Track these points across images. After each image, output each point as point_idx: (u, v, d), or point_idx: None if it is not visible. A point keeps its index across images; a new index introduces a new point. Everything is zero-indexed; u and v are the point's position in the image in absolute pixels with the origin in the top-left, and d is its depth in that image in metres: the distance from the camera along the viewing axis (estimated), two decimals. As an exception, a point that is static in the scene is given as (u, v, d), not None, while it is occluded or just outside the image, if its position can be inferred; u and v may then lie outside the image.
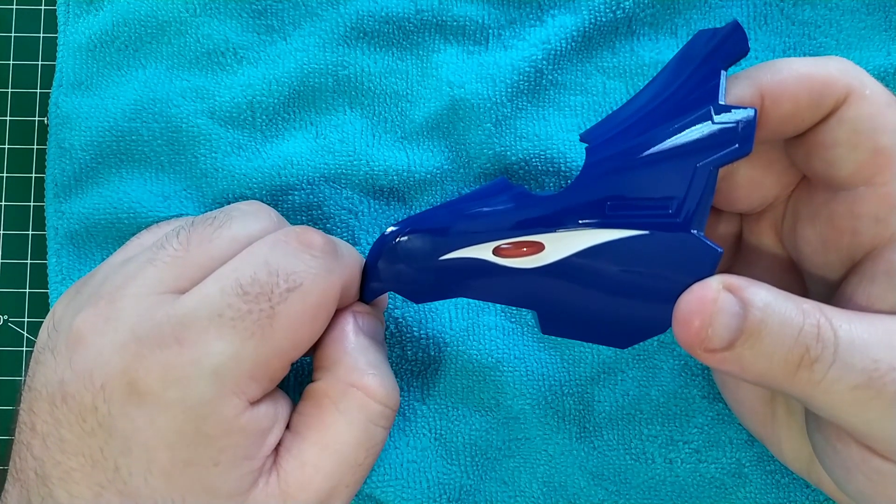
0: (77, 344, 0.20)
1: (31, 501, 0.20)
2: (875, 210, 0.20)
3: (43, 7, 0.31)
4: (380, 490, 0.27)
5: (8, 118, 0.30)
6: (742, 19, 0.29)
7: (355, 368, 0.22)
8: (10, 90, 0.30)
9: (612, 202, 0.20)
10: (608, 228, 0.20)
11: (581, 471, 0.28)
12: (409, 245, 0.22)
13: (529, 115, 0.29)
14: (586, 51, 0.29)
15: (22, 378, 0.30)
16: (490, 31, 0.29)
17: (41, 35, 0.31)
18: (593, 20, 0.29)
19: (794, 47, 0.29)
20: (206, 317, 0.20)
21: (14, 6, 0.31)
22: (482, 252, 0.21)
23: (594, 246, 0.20)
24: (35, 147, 0.30)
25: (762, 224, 0.24)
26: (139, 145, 0.29)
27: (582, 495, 0.28)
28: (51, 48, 0.31)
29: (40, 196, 0.30)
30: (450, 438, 0.28)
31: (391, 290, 0.23)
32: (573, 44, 0.29)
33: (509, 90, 0.28)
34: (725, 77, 0.20)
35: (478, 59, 0.29)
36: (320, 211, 0.29)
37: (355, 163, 0.29)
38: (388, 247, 0.22)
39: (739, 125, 0.19)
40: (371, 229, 0.29)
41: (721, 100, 0.19)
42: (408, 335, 0.28)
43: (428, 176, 0.29)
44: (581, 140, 0.22)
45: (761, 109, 0.20)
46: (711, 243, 0.19)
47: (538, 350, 0.28)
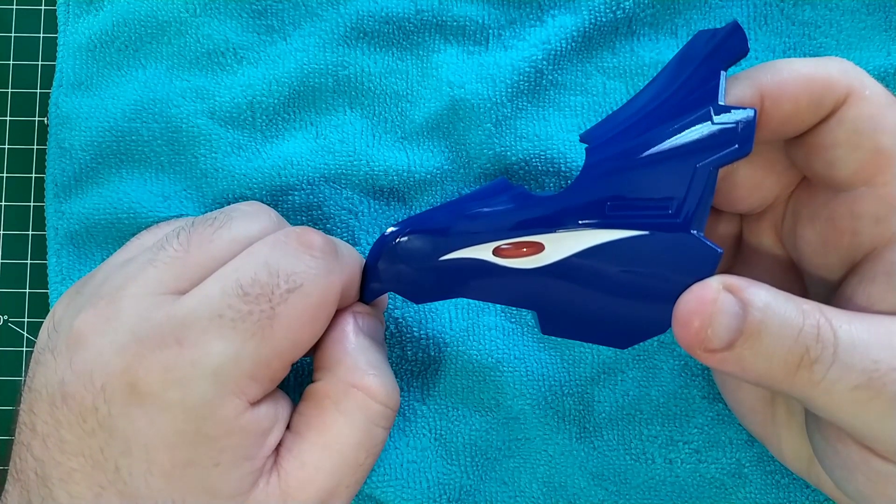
0: (77, 344, 0.20)
1: (32, 502, 0.20)
2: (875, 210, 0.20)
3: (43, 7, 0.31)
4: (380, 490, 0.27)
5: (8, 118, 0.30)
6: (742, 19, 0.29)
7: (356, 369, 0.22)
8: (10, 90, 0.30)
9: (612, 202, 0.20)
10: (608, 229, 0.20)
11: (581, 471, 0.28)
12: (409, 245, 0.22)
13: (529, 116, 0.29)
14: (586, 51, 0.29)
15: (22, 378, 0.30)
16: (490, 31, 0.29)
17: (41, 35, 0.31)
18: (593, 20, 0.29)
19: (794, 47, 0.29)
20: (207, 317, 0.20)
21: (14, 6, 0.31)
22: (482, 252, 0.21)
23: (594, 246, 0.20)
24: (35, 147, 0.30)
25: (762, 224, 0.24)
26: (139, 145, 0.29)
27: (582, 495, 0.28)
28: (51, 48, 0.31)
29: (40, 196, 0.30)
30: (450, 438, 0.28)
31: (391, 291, 0.23)
32: (573, 44, 0.29)
33: (509, 90, 0.28)
34: (725, 77, 0.20)
35: (478, 60, 0.29)
36: (320, 211, 0.29)
37: (355, 163, 0.29)
38: (388, 247, 0.22)
39: (739, 126, 0.19)
40: (371, 229, 0.29)
41: (721, 100, 0.19)
42: (408, 335, 0.28)
43: (428, 176, 0.29)
44: (581, 140, 0.22)
45: (761, 110, 0.20)
46: (711, 244, 0.19)
47: (538, 350, 0.28)
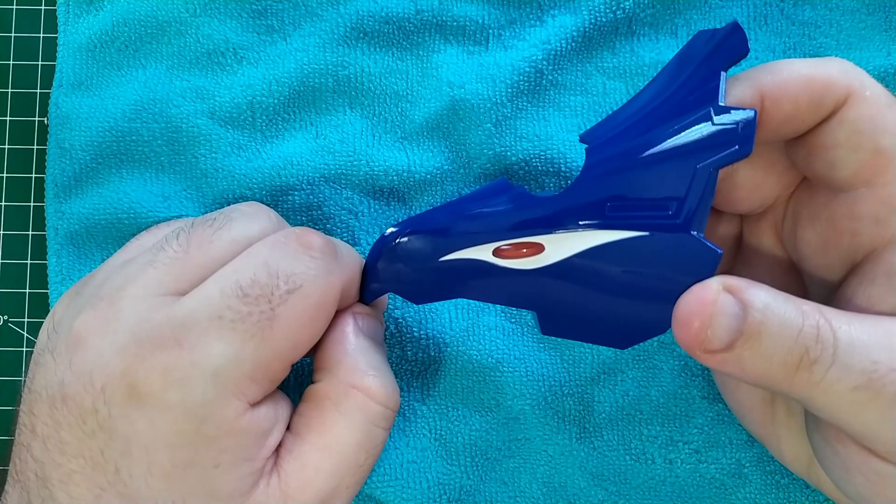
0: (77, 346, 0.20)
1: (32, 503, 0.20)
2: (875, 211, 0.20)
3: (43, 7, 0.31)
4: (380, 490, 0.27)
5: (8, 118, 0.30)
6: (742, 19, 0.29)
7: (356, 369, 0.22)
8: (10, 90, 0.30)
9: (613, 203, 0.20)
10: (608, 229, 0.20)
11: (581, 471, 0.28)
12: (409, 246, 0.22)
13: (529, 116, 0.29)
14: (586, 51, 0.29)
15: (22, 379, 0.30)
16: (490, 32, 0.29)
17: (41, 35, 0.31)
18: (593, 20, 0.29)
19: (794, 47, 0.29)
20: (206, 319, 0.20)
21: (14, 6, 0.31)
22: (482, 253, 0.21)
23: (594, 247, 0.20)
24: (35, 147, 0.30)
25: (762, 225, 0.24)
26: (139, 145, 0.29)
27: (582, 496, 0.28)
28: (51, 48, 0.31)
29: (40, 196, 0.30)
30: (450, 439, 0.28)
31: (391, 291, 0.23)
32: (573, 44, 0.29)
33: (509, 90, 0.28)
34: (725, 78, 0.20)
35: (478, 60, 0.29)
36: (320, 211, 0.29)
37: (355, 163, 0.29)
38: (388, 248, 0.22)
39: (739, 126, 0.19)
40: (371, 229, 0.29)
41: (721, 101, 0.19)
42: (408, 335, 0.28)
43: (428, 176, 0.29)
44: (581, 141, 0.22)
45: (761, 110, 0.20)
46: (711, 244, 0.19)
47: (538, 350, 0.28)
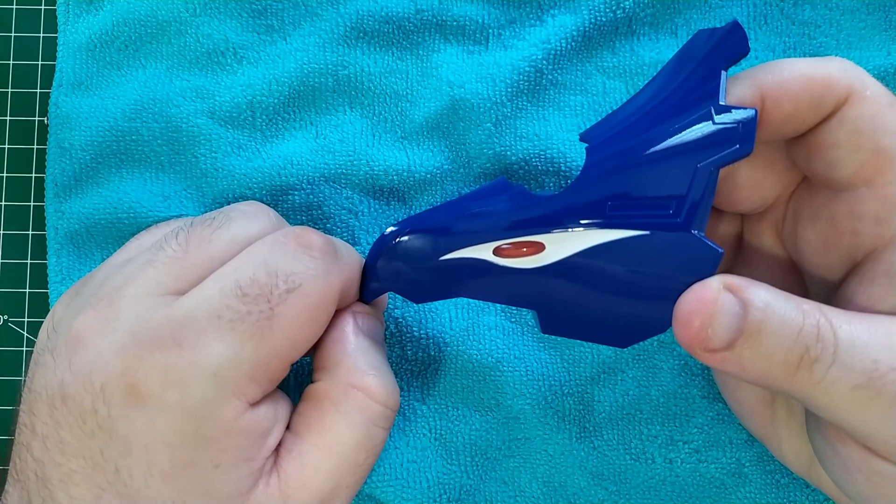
0: (76, 345, 0.20)
1: (32, 503, 0.20)
2: (876, 211, 0.20)
3: (43, 7, 0.31)
4: (380, 490, 0.27)
5: (8, 118, 0.30)
6: (742, 19, 0.29)
7: (355, 369, 0.22)
8: (10, 90, 0.30)
9: (613, 202, 0.20)
10: (609, 228, 0.20)
11: (581, 471, 0.28)
12: (409, 245, 0.22)
13: (529, 115, 0.29)
14: (586, 51, 0.29)
15: (22, 378, 0.30)
16: (490, 31, 0.29)
17: (41, 35, 0.31)
18: (593, 20, 0.29)
19: (794, 47, 0.29)
20: (205, 318, 0.20)
21: (14, 6, 0.31)
22: (482, 252, 0.21)
23: (595, 246, 0.20)
24: (35, 147, 0.30)
25: (763, 225, 0.24)
26: (139, 145, 0.29)
27: (582, 495, 0.28)
28: (51, 48, 0.31)
29: (40, 196, 0.30)
30: (450, 438, 0.28)
31: (391, 291, 0.23)
32: (573, 44, 0.29)
33: (509, 90, 0.28)
34: (726, 77, 0.20)
35: (478, 59, 0.29)
36: (320, 211, 0.29)
37: (355, 163, 0.29)
38: (388, 247, 0.22)
39: (740, 126, 0.19)
40: (371, 229, 0.29)
41: (722, 100, 0.19)
42: (408, 335, 0.28)
43: (428, 176, 0.29)
44: (581, 140, 0.22)
45: (762, 110, 0.20)
46: (712, 243, 0.19)
47: (538, 350, 0.28)
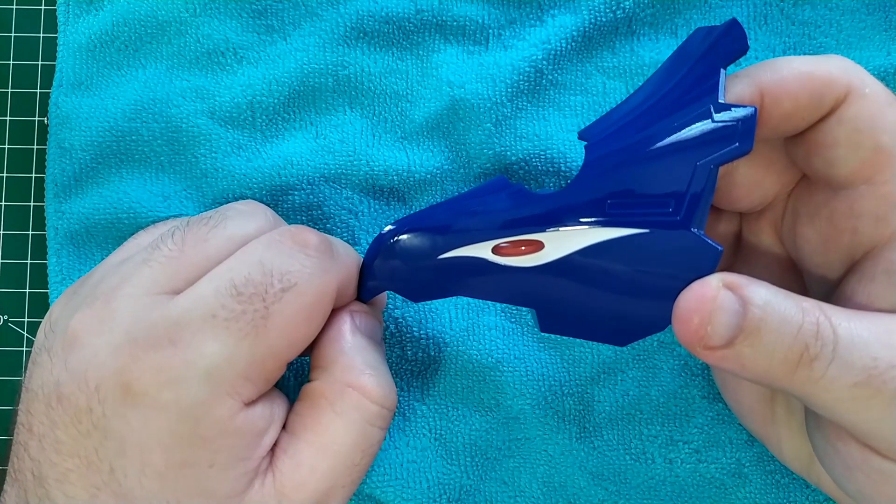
0: (72, 345, 0.20)
1: (29, 502, 0.20)
2: (875, 209, 0.20)
3: (43, 7, 0.31)
4: (380, 490, 0.27)
5: (8, 118, 0.30)
6: (742, 19, 0.29)
7: (352, 368, 0.22)
8: (10, 90, 0.31)
9: (612, 200, 0.20)
10: (608, 227, 0.20)
11: (581, 471, 0.28)
12: (407, 244, 0.22)
13: (529, 115, 0.29)
14: (586, 51, 0.29)
15: (21, 378, 0.30)
16: (490, 31, 0.29)
17: (41, 35, 0.31)
18: (593, 20, 0.29)
19: (794, 47, 0.29)
20: (200, 317, 0.19)
21: (14, 6, 0.31)
22: (481, 251, 0.21)
23: (594, 244, 0.20)
24: (35, 147, 0.30)
25: (762, 223, 0.24)
26: (139, 145, 0.29)
27: (582, 495, 0.27)
28: (51, 48, 0.31)
29: (40, 196, 0.30)
30: (450, 438, 0.28)
31: (389, 290, 0.23)
32: (573, 44, 0.29)
33: (509, 90, 0.28)
34: (725, 75, 0.20)
35: (478, 59, 0.29)
36: (320, 211, 0.29)
37: (355, 163, 0.29)
38: (386, 246, 0.22)
39: (739, 124, 0.19)
40: (371, 229, 0.29)
41: (721, 98, 0.19)
42: (407, 335, 0.28)
43: (428, 176, 0.29)
44: (579, 138, 0.22)
45: (761, 108, 0.20)
46: (712, 241, 0.19)
47: (538, 350, 0.28)
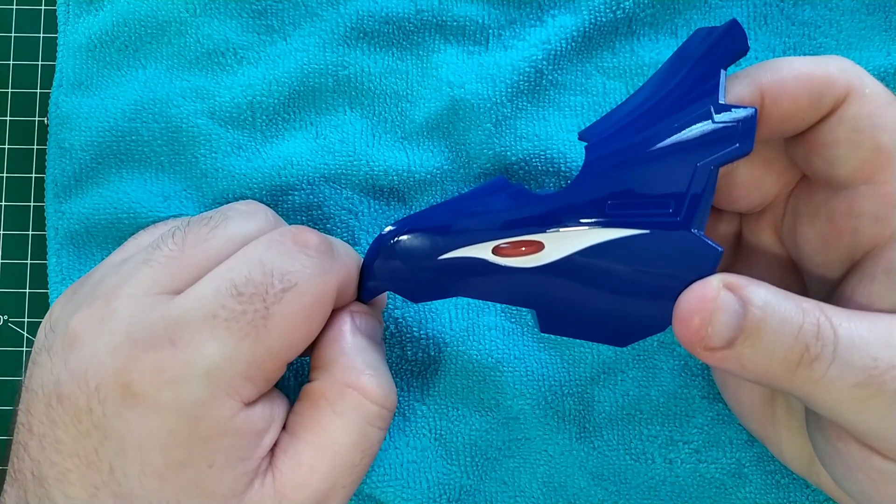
0: (72, 345, 0.20)
1: (29, 502, 0.20)
2: (875, 209, 0.20)
3: (43, 7, 0.31)
4: (380, 490, 0.27)
5: (8, 118, 0.30)
6: (742, 19, 0.29)
7: (352, 369, 0.22)
8: (10, 90, 0.31)
9: (612, 201, 0.20)
10: (608, 227, 0.20)
11: (581, 471, 0.28)
12: (408, 244, 0.22)
13: (529, 116, 0.29)
14: (586, 51, 0.29)
15: (21, 378, 0.30)
16: (490, 32, 0.29)
17: (41, 35, 0.31)
18: (593, 20, 0.29)
19: (794, 47, 0.29)
20: (200, 318, 0.19)
21: (14, 6, 0.31)
22: (481, 251, 0.21)
23: (594, 245, 0.20)
24: (35, 147, 0.30)
25: (762, 223, 0.24)
26: (139, 145, 0.29)
27: (582, 495, 0.27)
28: (51, 48, 0.31)
29: (40, 196, 0.30)
30: (450, 438, 0.28)
31: (389, 290, 0.23)
32: (573, 44, 0.29)
33: (509, 90, 0.28)
34: (725, 76, 0.20)
35: (478, 60, 0.29)
36: (320, 211, 0.29)
37: (355, 163, 0.29)
38: (386, 246, 0.22)
39: (740, 124, 0.19)
40: (371, 229, 0.29)
41: (721, 99, 0.19)
42: (408, 335, 0.28)
43: (428, 176, 0.29)
44: (579, 138, 0.22)
45: (761, 108, 0.20)
46: (712, 242, 0.19)
47: (538, 350, 0.28)
